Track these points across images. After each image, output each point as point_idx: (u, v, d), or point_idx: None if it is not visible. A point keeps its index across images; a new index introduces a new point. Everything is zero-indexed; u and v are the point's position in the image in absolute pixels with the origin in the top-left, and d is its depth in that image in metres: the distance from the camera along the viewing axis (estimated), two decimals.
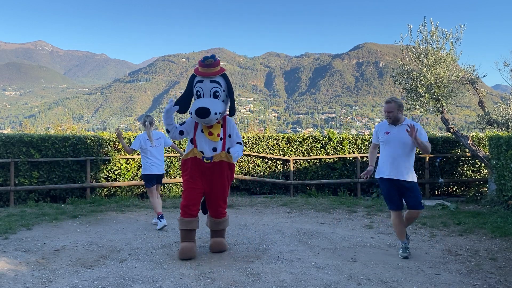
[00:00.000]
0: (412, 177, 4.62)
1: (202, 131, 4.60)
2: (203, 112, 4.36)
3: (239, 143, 4.79)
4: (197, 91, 4.55)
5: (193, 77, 4.65)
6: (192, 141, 4.65)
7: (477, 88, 9.04)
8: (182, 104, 4.62)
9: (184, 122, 4.73)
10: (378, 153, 4.89)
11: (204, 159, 4.58)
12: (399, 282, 3.84)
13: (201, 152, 4.60)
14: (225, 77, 4.66)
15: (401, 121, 4.67)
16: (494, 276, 4.02)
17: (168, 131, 4.66)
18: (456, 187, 10.37)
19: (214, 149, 4.61)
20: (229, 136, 4.74)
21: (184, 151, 4.97)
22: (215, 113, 4.42)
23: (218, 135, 4.61)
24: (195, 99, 4.62)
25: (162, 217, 5.97)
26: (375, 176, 4.80)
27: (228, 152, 4.67)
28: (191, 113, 4.50)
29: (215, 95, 4.53)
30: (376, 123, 5.05)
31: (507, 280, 3.91)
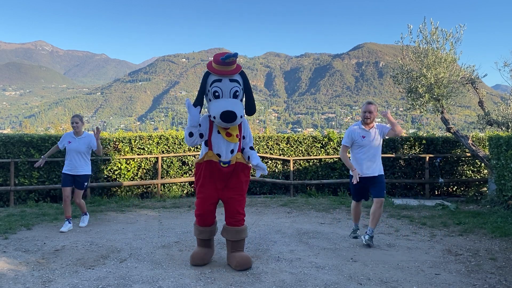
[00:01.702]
0: (381, 171, 5.21)
1: (218, 132, 4.17)
2: (230, 117, 3.94)
3: (251, 148, 4.43)
4: (215, 91, 4.09)
5: (207, 75, 4.19)
6: (207, 143, 4.22)
7: (477, 88, 9.04)
8: (199, 105, 4.16)
9: (199, 124, 4.20)
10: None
11: (221, 163, 4.17)
12: (399, 282, 3.84)
13: (218, 155, 4.18)
14: (243, 74, 4.24)
15: (373, 125, 5.20)
16: (494, 276, 4.02)
17: (190, 135, 4.11)
18: (456, 187, 10.37)
19: (232, 151, 4.21)
20: (243, 137, 4.37)
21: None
22: (241, 116, 4.05)
23: (237, 135, 4.21)
24: (210, 100, 4.17)
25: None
26: (350, 173, 5.25)
27: (248, 158, 4.33)
28: (214, 117, 4.02)
29: (235, 95, 4.12)
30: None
31: (507, 280, 3.91)
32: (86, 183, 6.09)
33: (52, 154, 6.50)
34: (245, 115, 4.31)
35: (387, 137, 5.70)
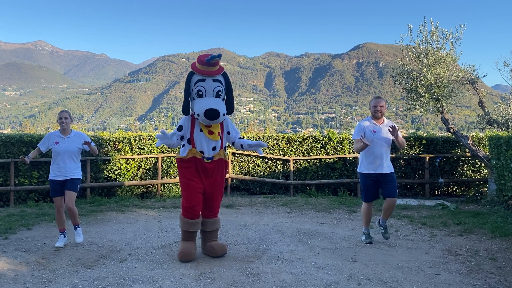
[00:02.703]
0: (391, 169, 5.08)
1: (201, 130, 4.42)
2: (213, 114, 4.22)
3: (240, 138, 4.71)
4: (199, 90, 4.38)
5: (191, 74, 4.47)
6: (190, 141, 4.47)
7: (477, 88, 9.03)
8: (188, 106, 4.47)
9: (181, 127, 4.50)
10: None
11: (205, 159, 4.43)
12: (399, 282, 3.84)
13: (201, 152, 4.43)
14: (225, 75, 4.55)
15: (383, 121, 5.09)
16: (494, 276, 4.02)
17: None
18: (456, 187, 10.37)
19: (214, 148, 4.48)
20: (228, 133, 4.65)
21: (179, 152, 4.67)
22: (223, 114, 4.34)
23: (219, 133, 4.49)
24: (193, 99, 4.45)
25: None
26: (358, 170, 5.18)
27: (225, 149, 4.64)
28: (198, 115, 4.30)
29: (218, 95, 4.42)
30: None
31: (507, 280, 3.91)
32: (78, 186, 5.20)
33: (35, 157, 5.47)
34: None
35: None
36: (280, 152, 10.16)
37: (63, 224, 5.07)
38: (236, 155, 9.96)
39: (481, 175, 10.15)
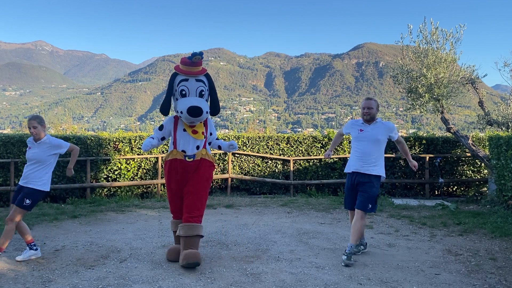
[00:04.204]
0: (374, 171, 4.59)
1: (184, 130, 4.40)
2: (196, 111, 4.21)
3: (217, 139, 4.79)
4: (182, 90, 4.38)
5: (174, 75, 4.48)
6: (173, 141, 4.44)
7: (477, 88, 9.03)
8: (167, 105, 4.48)
9: (162, 126, 4.51)
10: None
11: (187, 158, 4.36)
12: (399, 282, 3.84)
13: (183, 151, 4.37)
14: (208, 76, 4.54)
15: (375, 121, 4.76)
16: (494, 276, 4.02)
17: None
18: (456, 187, 10.37)
19: (197, 147, 4.43)
20: (210, 134, 4.66)
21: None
22: (206, 112, 4.34)
23: (203, 133, 4.45)
24: (177, 99, 4.44)
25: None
26: (345, 171, 4.85)
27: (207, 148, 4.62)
28: (181, 112, 4.28)
29: (201, 94, 4.41)
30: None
31: (507, 280, 3.91)
32: (29, 201, 4.54)
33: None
34: (209, 115, 4.57)
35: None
36: (280, 152, 10.16)
37: (28, 235, 4.56)
38: (236, 155, 9.96)
39: (481, 175, 10.14)
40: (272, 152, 10.15)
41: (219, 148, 4.77)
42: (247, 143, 10.06)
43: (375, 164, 4.60)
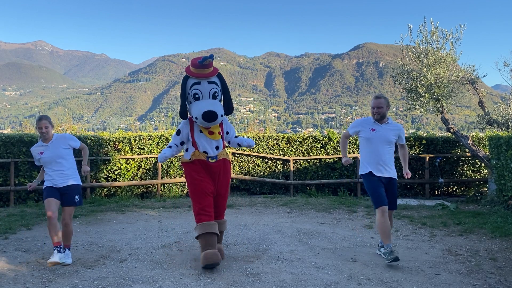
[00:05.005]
0: (395, 175, 4.64)
1: (200, 131, 4.40)
2: (211, 116, 4.20)
3: (236, 136, 4.77)
4: (195, 93, 4.36)
5: (186, 78, 4.45)
6: (193, 143, 4.43)
7: (477, 88, 9.04)
8: (185, 110, 4.47)
9: (179, 131, 4.47)
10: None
11: (209, 159, 4.38)
12: (399, 282, 3.84)
13: (205, 152, 4.39)
14: (220, 76, 4.52)
15: (386, 120, 4.65)
16: (494, 276, 4.02)
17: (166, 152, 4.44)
18: (456, 187, 10.37)
19: (217, 148, 4.45)
20: (227, 133, 4.67)
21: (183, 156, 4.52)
22: (221, 115, 4.34)
23: (219, 133, 4.46)
24: (191, 102, 4.43)
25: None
26: (360, 173, 4.69)
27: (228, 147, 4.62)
28: (196, 118, 4.27)
29: (215, 96, 4.40)
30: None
31: (507, 280, 3.91)
32: (77, 196, 4.54)
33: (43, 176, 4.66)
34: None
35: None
36: (280, 152, 10.16)
37: (58, 236, 4.39)
38: (236, 155, 9.96)
39: (481, 175, 10.15)
40: (272, 152, 10.15)
41: (239, 146, 4.79)
42: None
43: (393, 166, 4.61)
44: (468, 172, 10.17)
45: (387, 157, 4.56)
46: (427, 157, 9.75)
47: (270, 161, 10.08)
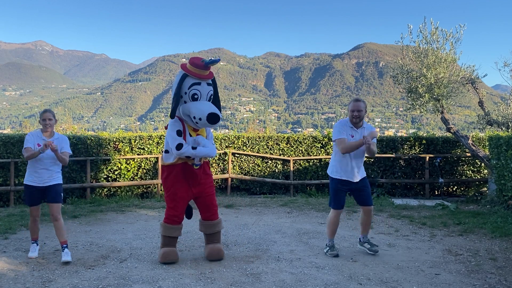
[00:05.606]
0: (363, 174, 4.70)
1: (190, 135, 4.34)
2: (216, 118, 4.14)
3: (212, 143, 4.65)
4: (195, 93, 4.26)
5: (184, 77, 4.29)
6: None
7: (477, 88, 9.03)
8: (176, 108, 4.35)
9: (179, 131, 4.32)
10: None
11: (194, 166, 4.35)
12: (399, 282, 3.84)
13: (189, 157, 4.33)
14: (214, 80, 4.52)
15: (361, 124, 4.60)
16: (494, 276, 4.02)
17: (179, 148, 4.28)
18: (456, 187, 10.37)
19: None
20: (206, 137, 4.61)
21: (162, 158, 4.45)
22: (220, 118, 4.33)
23: (206, 137, 4.49)
24: (186, 102, 4.30)
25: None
26: (329, 174, 4.73)
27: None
28: (199, 119, 4.16)
29: (210, 99, 4.40)
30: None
31: (507, 280, 3.91)
32: (62, 194, 4.70)
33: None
34: None
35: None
36: (280, 152, 10.16)
37: (36, 234, 4.64)
38: (236, 155, 9.96)
39: (481, 175, 10.14)
40: (272, 152, 10.15)
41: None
42: (247, 143, 10.06)
43: (362, 169, 4.70)
44: (468, 172, 10.17)
45: (359, 162, 4.62)
46: (427, 157, 9.75)
47: (270, 161, 10.08)
